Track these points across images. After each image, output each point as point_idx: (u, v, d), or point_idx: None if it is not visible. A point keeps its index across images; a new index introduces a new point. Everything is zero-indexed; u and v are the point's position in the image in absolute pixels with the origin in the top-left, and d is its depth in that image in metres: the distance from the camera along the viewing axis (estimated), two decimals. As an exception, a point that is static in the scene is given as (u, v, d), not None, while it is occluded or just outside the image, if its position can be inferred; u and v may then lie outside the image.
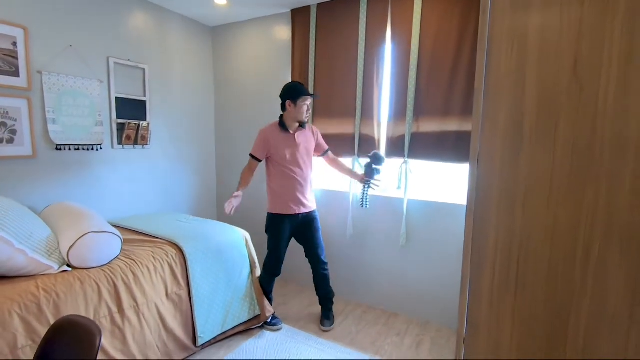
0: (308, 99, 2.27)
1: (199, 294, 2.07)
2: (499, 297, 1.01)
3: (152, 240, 2.14)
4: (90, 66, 2.45)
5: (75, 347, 0.87)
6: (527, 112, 0.94)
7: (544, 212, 0.94)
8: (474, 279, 1.05)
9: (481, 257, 1.03)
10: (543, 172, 0.93)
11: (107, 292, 1.68)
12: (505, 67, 0.95)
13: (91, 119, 2.45)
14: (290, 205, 2.32)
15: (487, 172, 0.99)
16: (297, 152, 2.31)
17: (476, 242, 1.03)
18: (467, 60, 2.20)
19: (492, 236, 1.00)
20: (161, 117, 2.96)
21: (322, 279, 2.47)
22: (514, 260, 0.98)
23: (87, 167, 2.50)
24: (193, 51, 3.20)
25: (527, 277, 0.98)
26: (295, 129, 2.33)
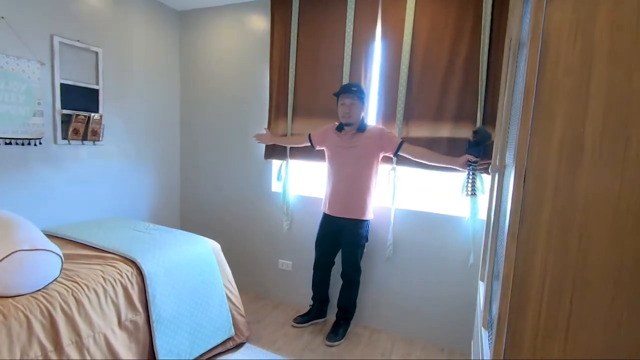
0: (344, 97, 2.13)
1: (161, 318, 1.76)
2: (544, 343, 0.83)
3: (102, 255, 1.79)
4: (28, 44, 2.04)
5: None
6: (591, 122, 0.76)
7: (607, 244, 0.77)
8: (513, 319, 0.86)
9: (523, 292, 0.85)
10: (608, 196, 0.75)
11: (41, 326, 1.33)
12: (565, 66, 0.77)
13: (28, 108, 2.04)
14: (328, 205, 2.29)
15: (535, 191, 0.81)
16: (340, 154, 2.23)
17: (518, 273, 0.84)
18: (463, 60, 2.07)
19: (539, 267, 0.82)
20: (117, 109, 2.57)
21: (343, 288, 2.36)
22: (566, 299, 0.80)
23: (22, 165, 2.08)
24: (156, 36, 2.83)
25: (581, 320, 0.80)
26: (348, 131, 2.21)
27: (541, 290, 0.84)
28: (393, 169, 2.29)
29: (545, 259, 0.83)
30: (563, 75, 0.79)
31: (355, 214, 2.21)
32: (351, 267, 2.29)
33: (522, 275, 0.86)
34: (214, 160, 2.98)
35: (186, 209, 3.16)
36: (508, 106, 1.28)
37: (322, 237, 2.36)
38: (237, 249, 2.88)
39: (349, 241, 2.25)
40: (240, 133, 2.85)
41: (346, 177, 2.21)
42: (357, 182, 2.19)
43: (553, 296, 0.83)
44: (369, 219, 2.25)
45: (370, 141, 2.17)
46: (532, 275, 0.85)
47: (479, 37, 2.02)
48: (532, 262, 0.85)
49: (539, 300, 0.85)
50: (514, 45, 1.25)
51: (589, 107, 0.77)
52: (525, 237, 0.85)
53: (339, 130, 2.25)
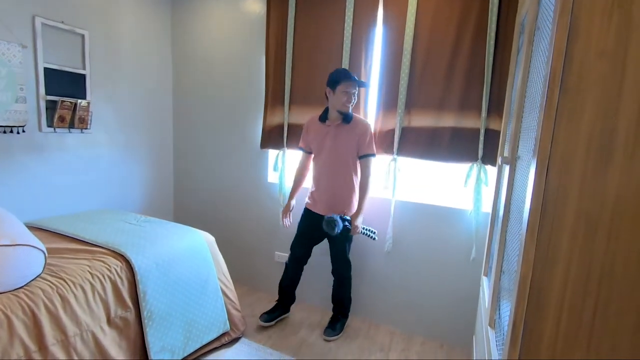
0: (351, 86, 2.00)
1: (152, 314, 1.69)
2: (564, 351, 0.77)
3: (89, 249, 1.70)
4: (8, 25, 1.91)
5: None
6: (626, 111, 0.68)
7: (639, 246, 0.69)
8: (530, 324, 0.80)
9: (542, 294, 0.79)
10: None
11: (23, 325, 1.26)
12: (597, 49, 0.69)
13: (9, 94, 1.93)
14: (314, 202, 2.19)
15: (560, 185, 0.73)
16: (328, 147, 2.09)
17: (537, 274, 0.78)
18: (469, 48, 1.98)
19: (561, 268, 0.76)
20: (106, 95, 2.46)
21: (336, 285, 2.28)
22: (590, 303, 0.73)
23: (3, 154, 1.97)
24: (147, 19, 2.70)
25: (607, 326, 0.73)
26: (334, 121, 2.08)
27: (562, 294, 0.78)
28: (394, 160, 2.21)
29: (569, 260, 0.77)
30: (595, 58, 0.71)
31: (341, 211, 2.11)
32: (342, 264, 2.21)
33: (541, 276, 0.80)
34: (209, 149, 2.89)
35: (180, 200, 3.08)
36: (522, 94, 1.20)
37: (303, 235, 2.25)
38: (232, 242, 2.81)
39: (336, 239, 2.15)
40: (236, 121, 2.75)
41: (332, 173, 2.10)
42: (342, 177, 2.10)
43: (576, 300, 0.77)
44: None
45: (354, 134, 2.06)
46: (554, 278, 0.78)
47: (485, 21, 1.93)
48: (553, 262, 0.78)
49: (560, 304, 0.78)
50: (529, 28, 1.16)
51: (623, 96, 0.70)
52: (546, 236, 0.78)
53: (322, 120, 2.12)
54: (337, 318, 2.29)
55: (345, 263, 2.21)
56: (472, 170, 2.04)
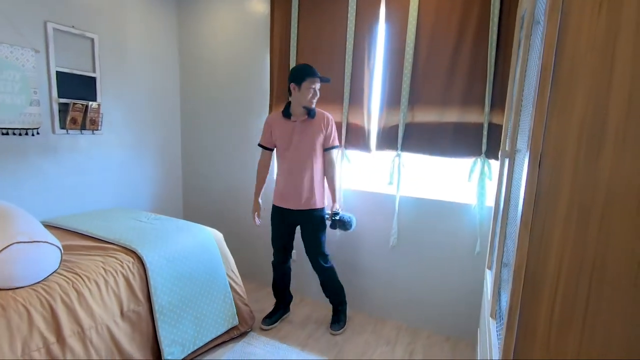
0: (316, 82, 2.02)
1: (163, 309, 1.75)
2: (559, 336, 0.79)
3: (102, 246, 1.77)
4: (21, 31, 1.98)
5: None
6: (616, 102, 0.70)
7: (631, 231, 0.72)
8: (526, 311, 0.83)
9: (537, 282, 0.81)
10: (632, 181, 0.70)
11: (41, 317, 1.32)
12: (588, 39, 0.70)
13: (24, 97, 2.00)
14: (284, 198, 2.17)
15: (552, 176, 0.76)
16: (296, 142, 2.08)
17: (531, 262, 0.80)
18: (471, 43, 1.98)
19: (555, 256, 0.78)
20: (115, 97, 2.52)
21: (323, 283, 2.29)
22: (583, 289, 0.76)
23: (19, 155, 2.05)
24: (154, 21, 2.75)
25: (600, 312, 0.76)
26: (299, 116, 2.09)
27: (556, 281, 0.80)
28: (398, 156, 2.23)
29: (562, 250, 0.79)
30: (585, 51, 0.73)
31: (314, 204, 2.14)
32: (319, 257, 2.20)
33: (535, 266, 0.82)
34: (216, 148, 2.94)
35: (189, 198, 3.14)
36: (520, 88, 1.21)
37: (279, 233, 2.24)
38: (241, 239, 2.86)
39: (310, 232, 2.18)
40: (242, 120, 2.79)
41: (299, 166, 2.10)
42: (311, 171, 2.11)
43: (569, 287, 0.79)
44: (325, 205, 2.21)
45: (319, 127, 2.10)
46: (547, 266, 0.81)
47: (488, 16, 1.93)
48: (547, 252, 0.80)
49: (554, 292, 0.80)
50: (527, 23, 1.18)
51: (613, 87, 0.71)
52: (539, 227, 0.81)
53: (286, 116, 2.11)
54: (338, 310, 2.31)
55: (324, 257, 2.22)
56: (475, 164, 2.05)
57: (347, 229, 2.18)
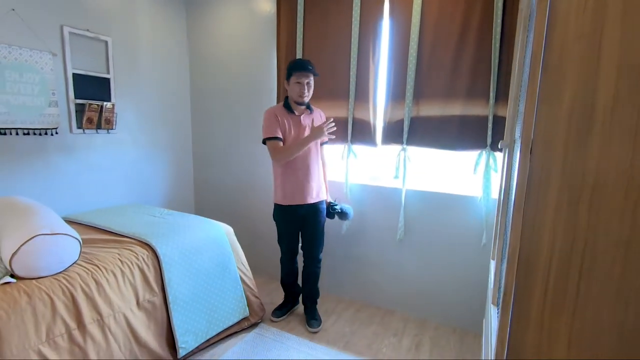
0: (302, 77, 2.02)
1: (177, 299, 1.82)
2: (551, 317, 0.82)
3: (118, 239, 1.85)
4: (40, 35, 2.07)
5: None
6: (602, 90, 0.73)
7: (618, 214, 0.74)
8: (520, 293, 0.86)
9: (530, 265, 0.84)
10: (619, 166, 0.73)
11: (64, 305, 1.40)
12: (575, 30, 0.73)
13: (43, 98, 2.10)
14: (293, 196, 2.14)
15: (543, 163, 0.78)
16: (301, 136, 2.10)
17: (524, 247, 0.83)
18: (474, 37, 1.99)
19: (547, 240, 0.81)
20: (128, 97, 2.61)
21: (309, 276, 2.30)
22: (574, 272, 0.79)
23: (40, 154, 2.15)
24: (164, 24, 2.83)
25: (590, 293, 0.79)
26: (301, 111, 2.13)
27: (548, 266, 0.83)
28: (403, 149, 2.26)
29: (553, 234, 0.81)
30: (573, 41, 0.75)
31: (321, 196, 2.20)
32: (318, 250, 2.26)
33: (528, 250, 0.85)
34: (226, 145, 3.01)
35: (200, 194, 3.22)
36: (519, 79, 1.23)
37: (288, 231, 2.24)
38: (250, 233, 2.93)
39: (317, 225, 2.21)
40: (250, 118, 2.85)
41: (309, 160, 2.11)
42: (317, 164, 2.16)
43: (561, 271, 0.82)
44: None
45: (318, 122, 2.16)
46: (540, 250, 0.83)
47: (491, 10, 1.94)
48: (539, 237, 0.83)
49: (547, 276, 0.83)
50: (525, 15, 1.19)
51: (600, 74, 0.74)
52: (532, 212, 0.83)
53: (289, 110, 2.10)
54: (313, 308, 2.33)
55: (321, 249, 2.28)
56: (481, 157, 2.06)
57: (347, 218, 2.29)
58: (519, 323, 0.87)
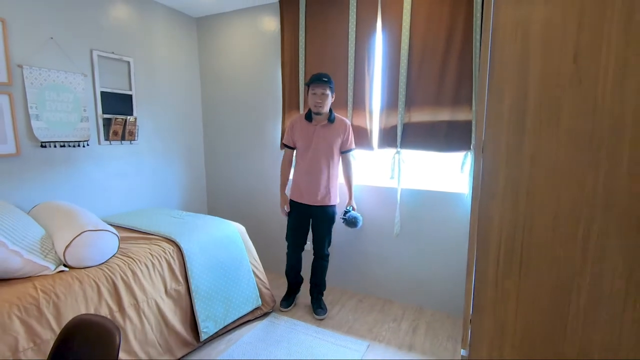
0: (317, 88, 2.24)
1: (199, 289, 2.06)
2: (503, 279, 1.06)
3: (147, 237, 2.10)
4: (73, 59, 2.35)
5: (94, 347, 0.86)
6: (531, 102, 0.97)
7: (547, 197, 0.99)
8: (480, 263, 1.10)
9: (486, 241, 1.08)
10: (546, 160, 0.97)
11: (107, 291, 1.65)
12: (510, 56, 0.98)
13: (76, 115, 2.37)
14: (302, 194, 2.39)
15: (492, 161, 1.03)
16: (315, 144, 2.33)
17: (481, 227, 1.07)
18: (458, 50, 2.24)
19: (497, 222, 1.05)
20: (148, 111, 2.89)
21: (316, 268, 2.53)
22: (518, 244, 1.03)
23: (73, 164, 2.42)
24: (178, 43, 3.12)
25: (530, 260, 1.03)
26: (320, 121, 2.34)
27: (499, 240, 1.07)
28: (397, 152, 2.50)
29: (502, 216, 1.05)
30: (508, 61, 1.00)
31: (329, 201, 2.40)
32: (323, 246, 2.47)
33: (484, 230, 1.09)
34: (235, 151, 3.27)
35: (212, 197, 3.48)
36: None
37: (296, 226, 2.47)
38: (259, 233, 3.17)
39: (322, 226, 2.43)
40: (258, 126, 3.11)
41: (317, 166, 2.33)
42: (326, 170, 2.34)
43: (508, 244, 1.05)
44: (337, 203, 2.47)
45: (338, 132, 2.35)
46: (492, 229, 1.07)
47: (471, 25, 2.18)
48: (491, 219, 1.07)
49: (498, 248, 1.07)
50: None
51: (529, 91, 0.98)
52: (485, 200, 1.07)
53: (308, 119, 2.34)
54: (319, 298, 2.55)
55: (326, 248, 2.49)
56: (466, 157, 2.29)
57: (352, 227, 2.45)
58: (480, 285, 1.11)
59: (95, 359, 0.87)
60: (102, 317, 0.91)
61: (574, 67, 0.94)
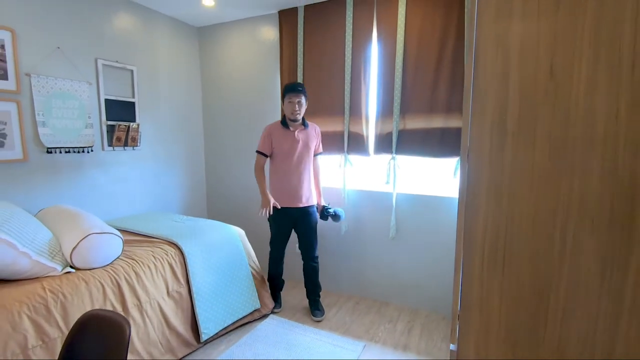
0: (294, 97, 2.36)
1: (199, 291, 2.12)
2: (488, 277, 1.13)
3: (150, 240, 2.17)
4: (79, 68, 2.43)
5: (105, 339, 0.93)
6: (510, 111, 1.05)
7: (526, 200, 1.06)
8: (466, 262, 1.17)
9: (472, 242, 1.15)
10: (525, 165, 1.05)
11: (112, 291, 1.71)
12: (491, 70, 1.06)
13: (81, 121, 2.44)
14: (284, 200, 2.44)
15: (476, 166, 1.10)
16: (294, 149, 2.42)
17: (467, 228, 1.15)
18: (450, 59, 2.33)
19: (481, 223, 1.12)
20: (150, 118, 2.96)
21: (310, 272, 2.59)
22: (501, 244, 1.10)
23: (78, 169, 2.48)
24: (180, 52, 3.21)
25: (512, 258, 1.10)
26: (295, 127, 2.44)
27: (483, 241, 1.14)
28: (393, 158, 2.57)
29: (485, 218, 1.13)
30: (490, 78, 1.08)
31: (311, 201, 2.50)
32: (313, 247, 2.53)
33: (470, 231, 1.16)
34: (234, 157, 3.34)
35: (212, 201, 3.55)
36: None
37: (284, 231, 2.51)
38: (260, 236, 3.23)
39: (308, 227, 2.49)
40: (256, 133, 3.17)
41: (300, 169, 2.43)
42: (307, 172, 2.47)
43: (492, 242, 1.12)
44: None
45: (313, 136, 2.49)
46: (477, 230, 1.14)
47: (462, 36, 2.27)
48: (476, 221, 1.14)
49: (483, 248, 1.14)
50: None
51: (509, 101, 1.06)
52: (471, 203, 1.14)
53: (285, 126, 2.42)
54: (316, 300, 2.61)
55: (316, 248, 2.57)
56: (459, 163, 2.37)
57: (339, 220, 2.57)
58: (467, 282, 1.17)
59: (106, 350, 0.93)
60: (112, 312, 0.97)
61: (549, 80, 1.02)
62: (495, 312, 1.13)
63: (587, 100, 0.96)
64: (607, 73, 0.94)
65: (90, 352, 0.96)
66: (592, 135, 0.97)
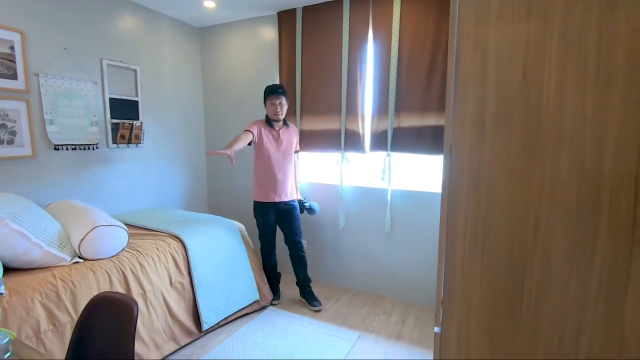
0: (274, 98, 2.49)
1: (201, 282, 2.21)
2: (469, 263, 1.21)
3: (153, 233, 2.26)
4: (85, 68, 2.52)
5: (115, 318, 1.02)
6: (488, 110, 1.13)
7: (502, 193, 1.14)
8: (449, 250, 1.25)
9: (454, 231, 1.23)
10: (501, 160, 1.13)
11: (118, 281, 1.81)
12: (471, 71, 1.14)
13: (87, 120, 2.53)
14: (270, 194, 2.56)
15: (457, 161, 1.18)
16: (280, 146, 2.55)
17: (450, 219, 1.23)
18: (442, 60, 2.41)
19: (462, 214, 1.20)
20: (153, 116, 3.05)
21: (297, 261, 2.68)
22: (480, 233, 1.18)
23: (84, 166, 2.58)
24: (182, 51, 3.29)
25: (490, 245, 1.18)
26: (279, 127, 2.58)
27: (464, 230, 1.22)
28: (388, 155, 2.66)
29: (466, 209, 1.21)
30: (470, 78, 1.16)
31: (294, 196, 2.66)
32: (298, 236, 2.66)
33: (452, 221, 1.24)
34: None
35: (213, 197, 3.64)
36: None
37: (269, 225, 2.62)
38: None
39: (293, 219, 2.62)
40: (257, 131, 3.27)
41: (284, 166, 2.56)
42: (290, 169, 2.62)
43: (472, 232, 1.21)
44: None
45: (292, 135, 2.65)
46: (459, 220, 1.23)
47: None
48: (457, 211, 1.23)
49: (464, 236, 1.22)
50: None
51: (487, 101, 1.14)
52: (452, 197, 1.23)
53: (269, 125, 2.55)
54: (308, 290, 2.71)
55: (300, 241, 2.68)
56: (451, 160, 2.45)
57: (314, 214, 2.77)
58: (450, 268, 1.26)
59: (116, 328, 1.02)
60: (121, 294, 1.06)
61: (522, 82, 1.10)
62: (476, 295, 1.22)
63: (557, 101, 1.05)
64: (574, 75, 1.03)
65: (101, 330, 1.06)
66: (561, 132, 1.05)
